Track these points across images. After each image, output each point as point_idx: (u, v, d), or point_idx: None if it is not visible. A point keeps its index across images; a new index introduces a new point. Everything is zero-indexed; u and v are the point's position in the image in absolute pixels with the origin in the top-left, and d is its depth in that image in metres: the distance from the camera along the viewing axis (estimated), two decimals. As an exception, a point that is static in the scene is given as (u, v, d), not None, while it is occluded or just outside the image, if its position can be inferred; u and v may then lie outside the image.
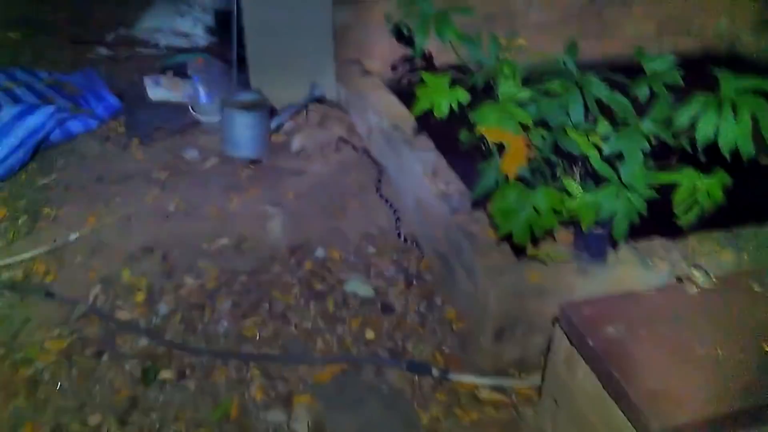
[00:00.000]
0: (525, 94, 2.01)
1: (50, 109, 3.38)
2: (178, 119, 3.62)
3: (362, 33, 3.82)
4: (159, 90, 3.61)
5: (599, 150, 1.94)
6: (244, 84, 3.74)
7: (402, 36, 2.48)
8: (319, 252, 2.69)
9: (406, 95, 3.41)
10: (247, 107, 3.35)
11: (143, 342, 2.25)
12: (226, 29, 4.84)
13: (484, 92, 2.20)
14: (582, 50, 3.84)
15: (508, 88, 2.05)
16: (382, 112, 3.19)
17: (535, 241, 2.01)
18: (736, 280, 1.73)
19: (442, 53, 2.51)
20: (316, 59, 3.75)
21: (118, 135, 3.61)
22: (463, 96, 2.18)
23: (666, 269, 2.13)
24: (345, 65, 3.82)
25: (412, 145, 2.85)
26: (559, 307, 1.63)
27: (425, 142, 2.88)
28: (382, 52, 3.91)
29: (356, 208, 2.96)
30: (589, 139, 1.95)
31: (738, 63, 4.54)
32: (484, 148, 2.21)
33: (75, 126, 3.55)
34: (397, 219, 2.83)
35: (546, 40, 3.88)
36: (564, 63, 2.11)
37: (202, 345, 2.25)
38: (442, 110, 2.18)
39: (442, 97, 2.18)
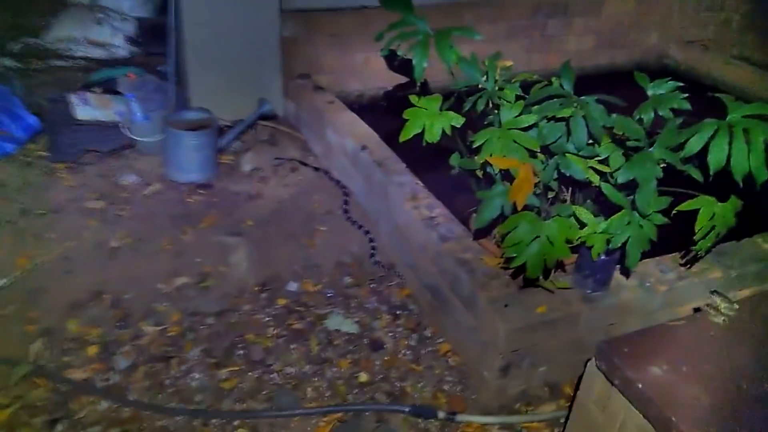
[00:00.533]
0: (530, 119, 1.91)
1: (-43, 132, 2.93)
2: (109, 140, 3.26)
3: (310, 46, 3.62)
4: (87, 109, 3.23)
5: (601, 175, 1.88)
6: (183, 100, 3.44)
7: (393, 59, 2.32)
8: (292, 285, 2.48)
9: (363, 113, 3.26)
10: (193, 126, 3.06)
11: (104, 405, 1.95)
12: (153, 39, 4.49)
13: (473, 115, 2.10)
14: (529, 63, 3.78)
15: (511, 112, 1.94)
16: (344, 132, 3.01)
17: (545, 272, 1.91)
18: (753, 304, 1.71)
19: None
20: (262, 73, 3.52)
21: (40, 159, 3.20)
22: (457, 120, 2.06)
23: (664, 291, 2.10)
24: (293, 80, 3.60)
25: (385, 167, 2.69)
26: (597, 346, 1.53)
27: (398, 164, 2.73)
28: (331, 65, 3.73)
29: (325, 234, 2.76)
30: (593, 166, 1.89)
31: (665, 75, 4.73)
32: (482, 174, 2.11)
33: (-12, 151, 3.11)
34: (372, 246, 2.66)
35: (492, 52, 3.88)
36: (561, 85, 2.03)
37: (174, 403, 1.97)
38: (434, 135, 2.06)
39: (435, 121, 2.05)
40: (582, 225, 1.86)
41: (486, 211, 1.94)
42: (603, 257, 1.91)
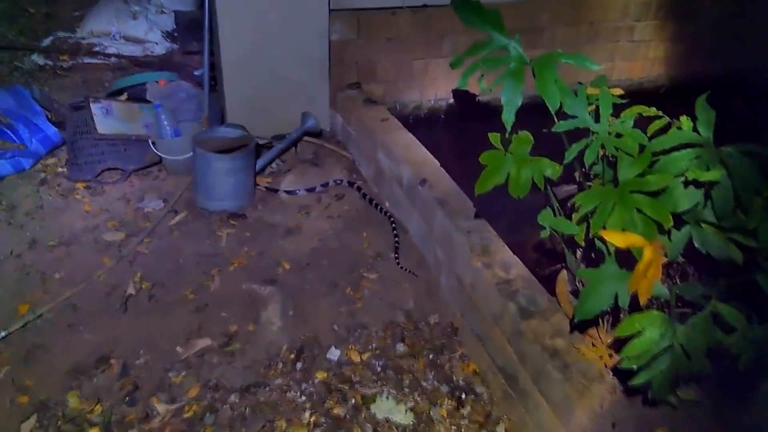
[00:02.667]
0: (660, 180, 1.41)
1: (-34, 146, 2.59)
2: (134, 157, 2.89)
3: (362, 51, 3.16)
4: (110, 120, 2.86)
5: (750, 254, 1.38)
6: (217, 110, 3.04)
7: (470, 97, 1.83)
8: (333, 353, 2.05)
9: (420, 129, 2.79)
10: (227, 147, 2.66)
11: None
12: (191, 35, 4.11)
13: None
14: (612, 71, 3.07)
15: (632, 169, 1.45)
16: (399, 157, 2.56)
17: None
18: None
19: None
20: (307, 82, 3.09)
21: (57, 177, 2.86)
22: (553, 170, 1.57)
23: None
24: (341, 90, 3.16)
25: (449, 208, 2.23)
26: None
27: (465, 204, 2.26)
28: (386, 73, 3.27)
29: (374, 283, 2.32)
30: (738, 240, 1.39)
31: None
32: (582, 242, 1.62)
33: (1, 166, 2.78)
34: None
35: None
36: (695, 129, 1.52)
37: None
38: (521, 187, 1.59)
39: (523, 170, 1.57)
40: (727, 328, 1.37)
41: (592, 299, 1.46)
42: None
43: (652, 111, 1.64)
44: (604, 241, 1.47)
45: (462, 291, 2.11)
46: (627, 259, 1.41)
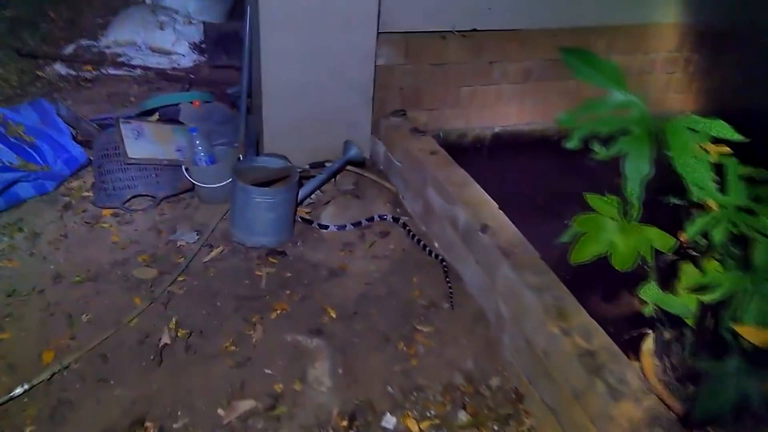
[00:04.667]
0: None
1: (-12, 168, 2.41)
2: (166, 183, 2.71)
3: (408, 77, 2.98)
4: (141, 143, 2.68)
5: None
6: (253, 135, 2.86)
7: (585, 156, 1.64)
8: (389, 420, 1.86)
9: (464, 157, 2.61)
10: (268, 178, 2.48)
11: None
12: (219, 48, 3.93)
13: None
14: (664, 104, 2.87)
15: (774, 253, 1.25)
16: (453, 196, 2.37)
17: None
18: None
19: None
20: (350, 108, 2.90)
21: (82, 202, 2.68)
22: (664, 242, 1.38)
23: None
24: (385, 117, 2.98)
25: (516, 261, 2.04)
26: None
27: (532, 256, 2.07)
28: (431, 100, 3.09)
29: (429, 338, 2.13)
30: None
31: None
32: (695, 325, 1.43)
33: (23, 189, 2.60)
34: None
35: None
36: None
37: None
38: (626, 260, 1.39)
39: (629, 241, 1.37)
40: None
41: (716, 395, 1.27)
42: None
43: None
44: (734, 334, 1.28)
45: (531, 355, 1.92)
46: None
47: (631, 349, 1.93)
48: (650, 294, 1.51)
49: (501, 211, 2.30)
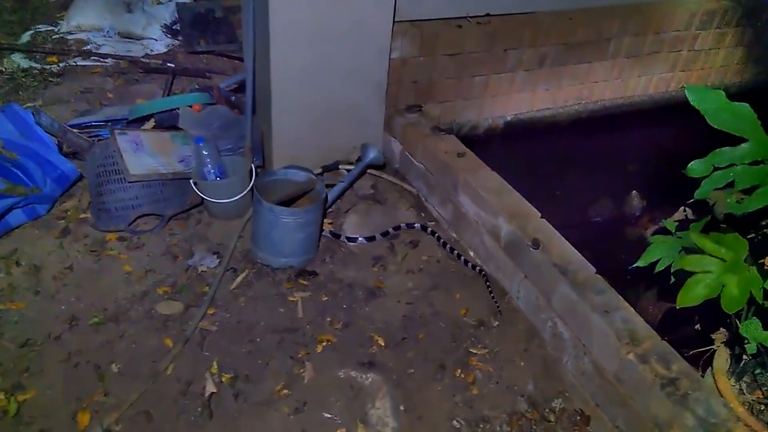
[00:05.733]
0: None
1: (-28, 196, 2.13)
2: (172, 199, 2.48)
3: (423, 69, 2.80)
4: (142, 157, 2.43)
5: None
6: (258, 139, 2.65)
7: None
8: (461, 459, 1.77)
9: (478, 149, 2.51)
10: (291, 194, 2.29)
11: None
12: (196, 31, 3.63)
13: None
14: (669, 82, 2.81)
15: None
16: (491, 206, 2.26)
17: None
18: None
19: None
20: (363, 105, 2.71)
21: (81, 225, 2.43)
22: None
23: None
24: (399, 113, 2.80)
25: (575, 278, 1.96)
26: None
27: (588, 271, 1.99)
28: (445, 92, 2.93)
29: (484, 361, 2.05)
30: None
31: None
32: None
33: (13, 215, 2.33)
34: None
35: (635, 68, 3.13)
36: None
37: None
38: (735, 303, 1.32)
39: (740, 282, 1.30)
40: None
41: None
42: None
43: None
44: None
45: (600, 379, 1.87)
46: None
47: (692, 362, 1.89)
48: (753, 332, 1.45)
49: (546, 221, 2.20)
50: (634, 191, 2.88)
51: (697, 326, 2.03)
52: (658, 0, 3.14)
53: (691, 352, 1.90)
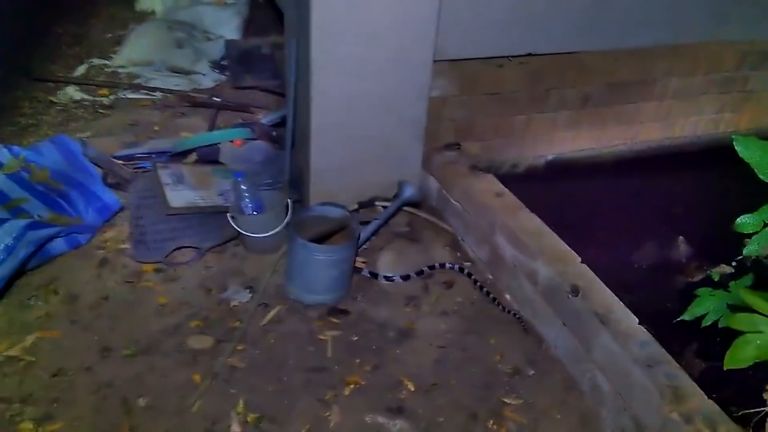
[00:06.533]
0: None
1: (18, 225, 2.19)
2: (210, 233, 2.50)
3: (462, 108, 2.79)
4: (182, 190, 2.47)
5: None
6: (295, 174, 2.65)
7: None
8: None
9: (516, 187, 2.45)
10: (325, 229, 2.28)
11: None
12: (242, 67, 3.70)
13: None
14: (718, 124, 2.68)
15: None
16: (530, 249, 2.19)
17: None
18: None
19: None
20: (400, 143, 2.70)
21: (119, 256, 2.46)
22: None
23: None
24: (437, 151, 2.78)
25: (615, 329, 1.87)
26: None
27: (631, 322, 1.90)
28: (484, 131, 2.90)
29: (519, 413, 1.96)
30: None
31: None
32: None
33: (55, 244, 2.38)
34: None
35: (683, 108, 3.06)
36: None
37: None
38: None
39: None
40: None
41: None
42: None
43: None
44: None
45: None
46: None
47: (742, 424, 1.76)
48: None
49: (586, 267, 2.12)
50: (680, 237, 2.76)
51: (748, 384, 1.91)
52: (707, 40, 3.05)
53: (741, 413, 1.78)
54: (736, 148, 1.29)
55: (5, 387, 1.90)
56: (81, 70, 3.90)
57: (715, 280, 1.63)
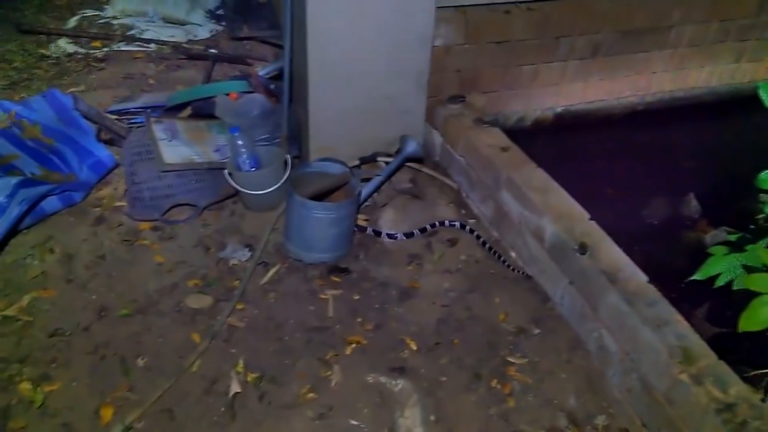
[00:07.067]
0: None
1: (10, 183, 2.13)
2: (206, 189, 2.44)
3: (466, 57, 2.67)
4: (177, 146, 2.39)
5: None
6: (293, 128, 2.57)
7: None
8: (495, 478, 1.66)
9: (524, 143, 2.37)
10: (325, 188, 2.21)
11: None
12: (239, 16, 3.57)
13: None
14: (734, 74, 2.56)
15: None
16: (535, 205, 2.12)
17: None
18: None
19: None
20: (402, 94, 2.60)
21: (115, 213, 2.41)
22: None
23: None
24: (441, 104, 2.68)
25: (623, 287, 1.82)
26: None
27: (639, 280, 1.84)
28: (490, 82, 2.78)
29: (523, 373, 1.92)
30: None
31: None
32: None
33: (49, 202, 2.32)
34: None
35: (697, 60, 2.92)
36: None
37: None
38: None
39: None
40: None
41: None
42: None
43: None
44: None
45: (649, 398, 1.72)
46: None
47: (753, 385, 1.72)
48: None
49: (595, 224, 2.05)
50: (691, 193, 2.67)
51: (759, 346, 1.86)
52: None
53: (752, 373, 1.74)
54: (761, 95, 1.20)
55: (3, 347, 1.88)
56: (72, 21, 3.77)
57: (732, 240, 1.56)
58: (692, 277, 1.64)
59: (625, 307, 1.78)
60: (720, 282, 1.56)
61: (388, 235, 2.33)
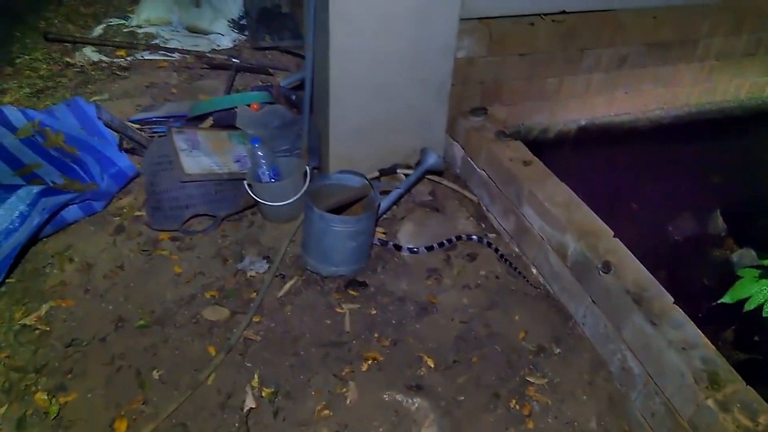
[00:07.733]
0: None
1: (32, 192, 2.14)
2: (226, 200, 2.43)
3: (489, 70, 2.64)
4: (198, 156, 2.39)
5: None
6: (314, 140, 2.55)
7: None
8: (513, 501, 1.62)
9: (547, 155, 2.33)
10: (344, 200, 2.19)
11: None
12: (262, 26, 3.58)
13: None
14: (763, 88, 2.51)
15: None
16: (561, 222, 2.08)
17: None
18: None
19: None
20: (423, 106, 2.57)
21: (135, 223, 2.42)
22: None
23: None
24: (462, 115, 2.65)
25: (648, 308, 1.76)
26: None
27: (665, 301, 1.79)
28: (513, 94, 2.75)
29: (542, 393, 1.88)
30: None
31: None
32: None
33: (70, 211, 2.34)
34: None
35: (725, 73, 2.86)
36: None
37: None
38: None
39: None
40: None
41: None
42: None
43: None
44: None
45: (673, 422, 1.67)
46: None
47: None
48: None
49: (619, 241, 2.00)
50: (717, 210, 2.61)
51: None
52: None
53: None
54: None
55: (20, 356, 1.88)
56: (98, 30, 3.82)
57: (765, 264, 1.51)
58: (720, 300, 1.58)
59: (650, 329, 1.73)
60: (749, 306, 1.51)
61: (408, 249, 2.30)
